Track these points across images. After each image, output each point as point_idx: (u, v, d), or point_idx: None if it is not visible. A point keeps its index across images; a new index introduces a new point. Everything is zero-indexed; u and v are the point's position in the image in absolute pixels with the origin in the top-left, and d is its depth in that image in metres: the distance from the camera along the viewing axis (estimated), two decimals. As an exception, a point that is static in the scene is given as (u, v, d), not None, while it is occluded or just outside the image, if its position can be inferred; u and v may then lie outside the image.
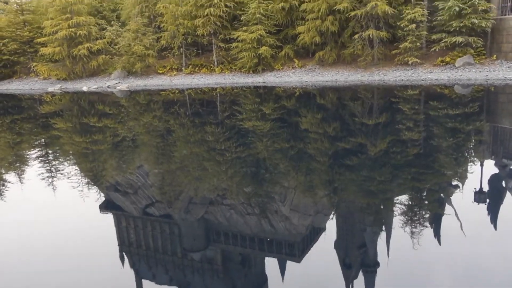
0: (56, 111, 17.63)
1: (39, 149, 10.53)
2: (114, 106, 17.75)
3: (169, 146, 9.78)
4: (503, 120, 10.73)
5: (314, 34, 20.81)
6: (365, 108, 13.08)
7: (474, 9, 17.33)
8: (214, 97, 18.42)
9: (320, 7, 20.19)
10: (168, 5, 24.13)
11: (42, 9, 28.04)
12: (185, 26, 23.82)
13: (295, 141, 9.18)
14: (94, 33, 26.32)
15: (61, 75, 26.88)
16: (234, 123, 11.75)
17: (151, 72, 25.42)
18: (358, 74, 19.67)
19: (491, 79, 16.24)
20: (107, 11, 29.84)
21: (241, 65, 22.74)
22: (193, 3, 23.27)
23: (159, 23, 25.71)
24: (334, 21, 20.36)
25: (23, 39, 29.18)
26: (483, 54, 18.33)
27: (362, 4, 19.53)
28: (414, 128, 9.71)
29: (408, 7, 18.62)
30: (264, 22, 21.86)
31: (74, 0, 25.72)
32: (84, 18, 25.83)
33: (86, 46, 25.55)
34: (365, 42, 19.68)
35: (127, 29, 25.20)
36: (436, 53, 18.87)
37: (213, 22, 22.88)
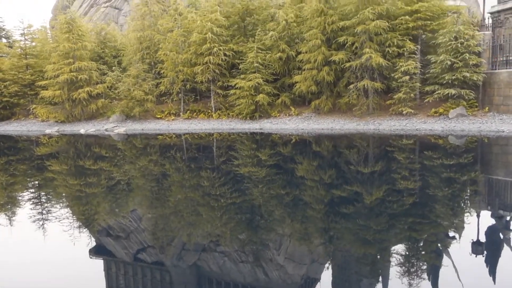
0: (52, 153, 17.60)
1: (32, 191, 10.41)
2: (111, 149, 17.76)
3: (164, 190, 9.71)
4: (497, 171, 10.78)
5: (311, 84, 21.29)
6: (361, 156, 13.15)
7: (465, 63, 17.90)
8: (210, 142, 18.51)
9: (317, 58, 20.79)
10: (169, 53, 24.81)
11: (46, 54, 28.73)
12: (185, 73, 24.38)
13: (291, 188, 9.15)
14: (95, 77, 26.85)
15: (59, 118, 27.10)
16: (230, 168, 11.74)
17: (149, 116, 25.70)
18: (354, 123, 19.94)
19: (484, 131, 16.48)
20: (109, 57, 30.60)
21: (239, 111, 23.06)
22: (193, 51, 23.95)
23: (159, 70, 26.31)
24: (330, 71, 20.91)
25: (24, 82, 29.68)
26: (475, 106, 18.73)
27: (357, 56, 20.15)
28: (410, 177, 9.72)
29: (401, 60, 19.21)
30: (261, 70, 22.42)
31: (77, 46, 26.42)
32: (86, 63, 26.44)
33: (86, 90, 25.99)
34: (360, 92, 20.12)
35: (127, 75, 25.74)
36: (430, 104, 19.27)
37: (212, 69, 23.45)
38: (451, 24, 18.37)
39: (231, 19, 25.38)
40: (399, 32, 19.91)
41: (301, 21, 22.83)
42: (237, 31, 25.76)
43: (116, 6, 67.75)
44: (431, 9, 19.54)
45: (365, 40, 19.84)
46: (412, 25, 19.54)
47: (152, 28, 27.16)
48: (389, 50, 19.70)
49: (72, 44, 26.16)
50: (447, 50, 18.16)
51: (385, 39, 19.80)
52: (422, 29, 19.98)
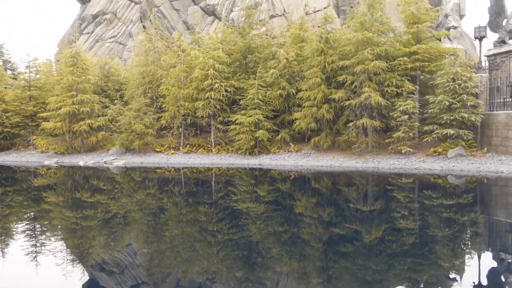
0: (49, 184, 17.50)
1: (27, 223, 10.27)
2: (109, 182, 17.68)
3: (161, 225, 9.58)
4: (498, 213, 10.69)
5: (310, 121, 21.47)
6: (360, 194, 13.08)
7: (463, 104, 18.12)
8: (209, 177, 18.45)
9: (316, 96, 21.07)
10: (171, 88, 25.16)
11: (49, 86, 29.12)
12: (186, 108, 24.62)
13: (289, 225, 9.04)
14: (97, 110, 27.10)
15: (59, 149, 27.13)
16: (228, 203, 11.64)
17: (149, 149, 25.74)
18: (353, 161, 19.96)
19: (484, 171, 16.48)
20: (112, 90, 31.01)
21: (238, 146, 23.13)
22: (195, 86, 24.30)
23: (160, 104, 26.59)
24: (330, 109, 21.13)
25: (26, 113, 29.95)
26: (474, 146, 18.82)
27: (356, 94, 20.43)
28: (409, 216, 9.63)
29: (400, 100, 19.46)
30: (262, 107, 22.66)
31: (81, 79, 26.82)
32: (88, 96, 26.76)
33: (88, 122, 26.16)
34: (360, 130, 20.26)
35: (129, 108, 25.99)
36: (429, 143, 19.36)
37: (213, 105, 23.71)
38: (448, 66, 18.73)
39: (233, 56, 25.91)
40: (398, 72, 20.28)
41: (302, 60, 23.29)
42: (239, 68, 26.23)
43: (121, 42, 69.34)
44: (428, 51, 19.99)
45: (364, 80, 20.18)
46: (411, 66, 19.93)
47: (155, 64, 27.68)
48: (388, 89, 19.99)
49: (76, 77, 26.56)
50: (445, 91, 18.44)
51: (384, 79, 20.14)
52: (420, 70, 20.36)
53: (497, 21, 21.45)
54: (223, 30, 27.98)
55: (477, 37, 21.55)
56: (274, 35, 27.44)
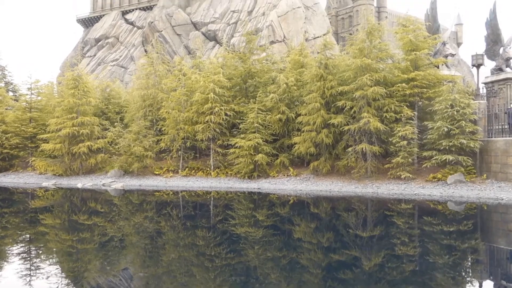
0: (46, 206, 17.37)
1: (22, 245, 10.14)
2: (106, 205, 17.55)
3: (158, 248, 9.46)
4: (498, 240, 10.59)
5: (309, 145, 21.50)
6: (359, 219, 12.97)
7: (461, 130, 18.20)
8: (207, 201, 18.34)
9: (316, 121, 21.17)
10: (171, 111, 25.30)
11: (50, 108, 29.28)
12: (185, 131, 24.70)
13: (288, 250, 8.93)
14: (97, 132, 27.16)
15: (57, 171, 27.05)
16: (226, 228, 11.53)
17: (148, 172, 25.67)
18: (352, 186, 19.89)
19: (483, 198, 16.41)
20: (112, 113, 31.17)
21: (237, 170, 23.08)
22: (195, 110, 24.44)
23: (160, 127, 26.69)
24: (329, 134, 21.20)
25: (26, 134, 30.01)
26: (473, 172, 18.79)
27: (355, 120, 20.54)
28: (409, 243, 9.53)
29: (399, 125, 19.55)
30: (261, 131, 22.74)
31: (82, 102, 26.99)
32: (89, 118, 26.87)
33: (87, 144, 26.18)
34: (359, 155, 20.26)
35: (129, 131, 26.07)
36: (428, 169, 19.33)
37: (213, 128, 23.79)
38: (446, 93, 18.90)
39: (233, 80, 26.17)
40: (397, 98, 20.45)
41: (301, 85, 23.52)
42: (239, 92, 26.46)
43: (122, 65, 70.21)
44: (427, 77, 20.21)
45: (363, 105, 20.32)
46: (409, 92, 20.11)
47: (156, 87, 27.93)
48: (387, 115, 20.11)
49: (77, 99, 26.75)
50: (444, 117, 18.54)
51: (383, 105, 20.29)
52: (419, 96, 20.53)
53: (494, 49, 21.79)
54: (224, 55, 28.36)
55: (474, 64, 21.84)
56: (274, 61, 27.81)
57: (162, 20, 67.76)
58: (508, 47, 21.43)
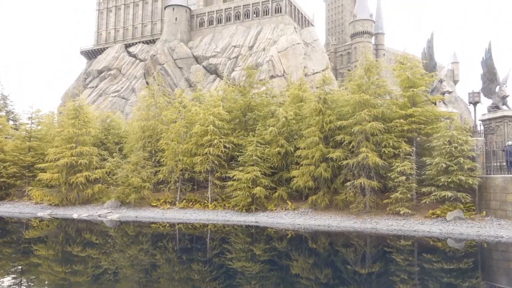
0: (41, 237, 17.11)
1: (13, 276, 9.91)
2: (101, 236, 17.30)
3: (152, 282, 9.25)
4: (499, 279, 10.40)
5: (308, 179, 21.45)
6: (358, 256, 12.77)
7: (460, 167, 18.21)
8: (204, 234, 18.10)
9: (314, 154, 21.21)
10: (170, 142, 25.36)
11: (50, 137, 29.34)
12: (184, 163, 24.67)
13: (285, 286, 8.73)
14: (95, 162, 27.10)
15: (53, 201, 26.80)
16: (222, 262, 11.32)
17: (145, 204, 25.45)
18: (351, 221, 19.70)
19: (483, 235, 16.23)
20: (111, 143, 31.23)
21: (235, 203, 22.90)
22: (194, 142, 24.50)
23: (159, 158, 26.68)
24: (327, 168, 21.19)
25: (24, 163, 29.91)
26: (472, 209, 18.66)
27: (354, 154, 20.58)
28: (409, 280, 9.34)
29: (397, 160, 19.58)
30: (260, 164, 22.73)
31: (82, 132, 27.09)
32: (88, 148, 26.88)
33: (85, 174, 26.06)
34: (357, 190, 20.18)
35: (127, 161, 26.03)
36: (427, 205, 19.21)
37: (212, 160, 23.77)
38: (444, 129, 19.04)
39: (233, 113, 26.40)
40: (395, 133, 20.58)
41: (300, 119, 23.71)
42: (238, 125, 26.64)
43: (123, 96, 70.98)
44: (424, 114, 20.42)
45: (361, 140, 20.42)
46: (407, 128, 20.26)
47: (156, 118, 28.12)
48: (385, 150, 20.18)
49: (76, 129, 26.85)
50: (442, 153, 18.60)
51: (381, 140, 20.39)
52: (417, 132, 20.67)
53: (490, 87, 22.13)
54: (224, 88, 28.74)
55: (471, 102, 22.12)
56: (273, 94, 28.16)
57: (164, 53, 69.03)
58: (504, 86, 21.77)
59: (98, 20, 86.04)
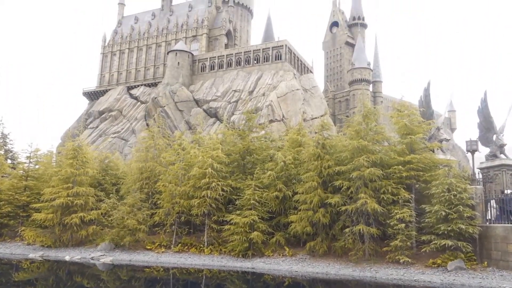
0: (30, 279, 16.61)
1: (-1, 322, 9.53)
2: (93, 280, 16.80)
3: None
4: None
5: (306, 224, 21.15)
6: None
7: (459, 215, 18.01)
8: (199, 280, 17.60)
9: (313, 199, 21.04)
10: (168, 184, 25.22)
11: (47, 177, 29.16)
12: (181, 205, 24.42)
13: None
14: (91, 203, 26.80)
15: (46, 242, 26.24)
16: (217, 310, 10.92)
17: (139, 247, 24.93)
18: (350, 269, 19.23)
19: (485, 287, 15.81)
20: (108, 184, 31.04)
21: (231, 247, 22.44)
22: (192, 184, 24.37)
23: (156, 200, 26.42)
24: (326, 213, 20.95)
25: (19, 203, 29.57)
26: (473, 259, 18.28)
27: (352, 200, 20.42)
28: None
29: (396, 207, 19.40)
30: (257, 208, 22.49)
31: (79, 172, 26.98)
32: (84, 188, 26.65)
33: (80, 215, 25.69)
34: (356, 237, 19.85)
35: (123, 203, 25.76)
36: (427, 253, 18.82)
37: (209, 203, 23.54)
38: (443, 176, 19.00)
39: (232, 157, 26.44)
40: (393, 180, 20.52)
41: (299, 163, 23.72)
42: (237, 168, 26.61)
43: (123, 137, 71.35)
44: (422, 161, 20.46)
45: (360, 186, 20.33)
46: (406, 175, 20.23)
47: (155, 160, 28.12)
48: (384, 196, 20.03)
49: (74, 169, 26.76)
50: (441, 201, 18.46)
51: (380, 186, 20.30)
52: (415, 179, 20.62)
53: (487, 136, 22.29)
54: (223, 132, 28.98)
55: (469, 150, 22.23)
56: (272, 139, 28.35)
57: (165, 96, 70.13)
58: (501, 135, 21.95)
59: (102, 63, 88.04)
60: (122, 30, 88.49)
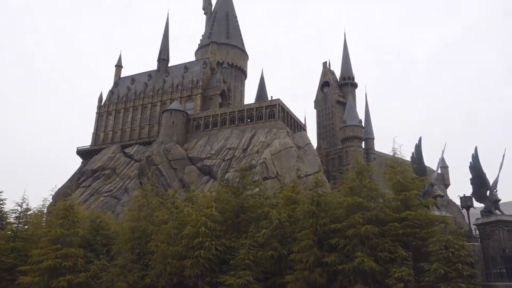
0: None
1: None
2: None
3: None
4: None
5: (302, 285, 20.49)
6: None
7: (459, 273, 17.59)
8: None
9: (309, 259, 20.54)
10: (160, 244, 24.59)
11: (36, 238, 28.38)
12: (173, 266, 23.66)
13: None
14: (80, 265, 25.86)
15: (32, 307, 25.00)
16: None
17: (128, 311, 23.80)
18: (349, 333, 18.38)
19: None
20: (99, 244, 30.16)
21: (225, 312, 21.52)
22: (185, 244, 23.80)
23: (147, 261, 25.63)
24: (323, 273, 20.38)
25: (5, 265, 28.43)
26: (477, 320, 17.62)
27: (349, 258, 19.97)
28: None
29: (394, 266, 18.95)
30: (252, 268, 21.85)
31: (69, 232, 26.30)
32: (74, 249, 25.84)
33: (68, 278, 24.67)
34: (355, 298, 19.18)
35: (113, 264, 24.93)
36: (429, 315, 18.15)
37: (202, 264, 22.84)
38: (439, 233, 18.77)
39: (226, 215, 26.05)
40: (390, 237, 20.20)
41: (294, 221, 23.39)
42: (231, 226, 26.13)
43: (116, 196, 70.52)
44: (418, 217, 20.28)
45: (356, 244, 19.97)
46: (402, 232, 19.94)
47: (147, 219, 27.58)
48: (381, 255, 19.61)
49: (64, 230, 26.05)
50: (439, 258, 18.11)
51: (376, 244, 19.94)
52: (412, 236, 20.32)
53: (481, 191, 22.34)
54: (217, 189, 28.76)
55: (463, 206, 22.16)
56: (267, 196, 28.13)
57: (159, 155, 70.38)
58: (494, 190, 22.04)
59: (97, 122, 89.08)
60: (118, 91, 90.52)
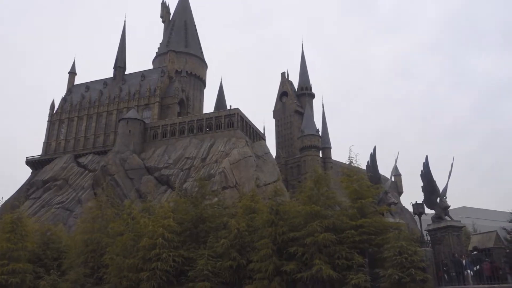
0: None
1: None
2: None
3: None
4: None
5: (262, 295, 20.41)
6: None
7: (412, 278, 18.13)
8: None
9: (268, 268, 20.52)
10: (115, 257, 23.78)
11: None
12: (129, 279, 22.92)
13: None
14: (28, 281, 24.56)
15: (-27, 328, 23.41)
16: None
17: (81, 329, 22.77)
18: None
19: None
20: (49, 259, 28.74)
21: (183, 325, 21.04)
22: (141, 256, 23.14)
23: (102, 274, 24.70)
24: (282, 282, 20.41)
25: None
26: (430, 324, 18.20)
27: (307, 266, 20.13)
28: None
29: (351, 273, 19.28)
30: (211, 279, 21.54)
31: (17, 247, 24.94)
32: (21, 265, 24.52)
33: (15, 296, 23.36)
34: (313, 306, 19.32)
35: (65, 279, 23.84)
36: (384, 320, 18.55)
37: (159, 276, 22.27)
38: (394, 240, 19.33)
39: (184, 225, 25.59)
40: (347, 245, 20.55)
41: (253, 230, 23.33)
42: (189, 237, 25.66)
43: (68, 208, 67.63)
44: (373, 224, 20.80)
45: (314, 252, 20.18)
46: (358, 239, 20.36)
47: (102, 231, 26.64)
48: (339, 262, 19.91)
49: (11, 244, 24.70)
50: (394, 264, 18.60)
51: (334, 251, 20.24)
52: (368, 243, 20.78)
53: (431, 198, 23.23)
54: (175, 200, 28.27)
55: (416, 213, 22.97)
56: (226, 205, 27.96)
57: (115, 164, 68.33)
58: (443, 197, 22.99)
59: (48, 131, 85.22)
60: (72, 98, 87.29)
